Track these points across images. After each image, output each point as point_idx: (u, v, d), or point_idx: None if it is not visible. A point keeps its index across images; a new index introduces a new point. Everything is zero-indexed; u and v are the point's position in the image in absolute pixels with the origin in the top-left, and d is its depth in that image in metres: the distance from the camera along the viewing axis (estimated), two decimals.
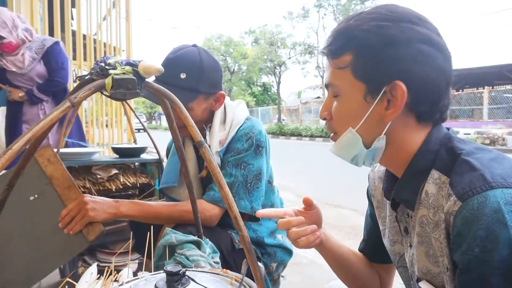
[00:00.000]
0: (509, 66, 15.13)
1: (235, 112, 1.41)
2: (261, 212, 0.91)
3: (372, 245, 0.98)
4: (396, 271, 0.93)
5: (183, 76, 1.26)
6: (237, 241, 1.35)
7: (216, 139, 1.36)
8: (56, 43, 2.60)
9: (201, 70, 1.28)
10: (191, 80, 1.27)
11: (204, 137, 1.41)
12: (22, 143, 0.49)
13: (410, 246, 0.79)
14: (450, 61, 0.71)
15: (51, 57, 2.54)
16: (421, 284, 0.74)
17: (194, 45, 1.35)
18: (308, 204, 0.93)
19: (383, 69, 0.69)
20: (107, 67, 0.62)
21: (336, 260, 0.97)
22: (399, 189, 0.75)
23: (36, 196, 1.21)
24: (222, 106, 1.41)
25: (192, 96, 1.29)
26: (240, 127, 1.36)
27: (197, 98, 1.30)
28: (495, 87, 15.20)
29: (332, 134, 0.81)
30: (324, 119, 0.81)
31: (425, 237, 0.71)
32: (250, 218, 1.36)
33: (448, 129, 0.76)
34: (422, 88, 0.69)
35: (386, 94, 0.70)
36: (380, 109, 0.71)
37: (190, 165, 1.43)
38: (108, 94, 0.59)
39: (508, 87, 14.49)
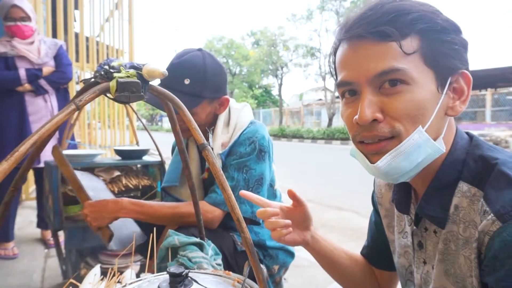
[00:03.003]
0: (511, 69, 15.10)
1: (239, 115, 1.41)
2: (244, 192, 0.89)
3: (376, 252, 0.95)
4: (399, 281, 0.89)
5: (187, 81, 1.27)
6: (239, 243, 1.35)
7: (218, 141, 1.36)
8: (64, 44, 2.78)
9: (205, 75, 1.29)
10: (195, 85, 1.28)
11: (207, 139, 1.41)
12: (29, 145, 0.50)
13: (424, 262, 0.73)
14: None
15: (62, 54, 2.68)
16: None
17: (199, 49, 1.36)
18: (293, 197, 0.87)
19: (452, 56, 0.62)
20: (111, 70, 0.62)
21: (326, 262, 0.94)
22: (424, 205, 0.68)
23: None
24: (227, 108, 1.41)
25: (196, 102, 1.29)
26: (244, 131, 1.36)
27: (201, 103, 1.30)
28: (498, 89, 15.18)
29: (374, 144, 0.64)
30: (374, 120, 0.62)
31: (448, 254, 0.65)
32: (252, 222, 1.36)
33: (467, 133, 0.69)
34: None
35: (451, 84, 0.64)
36: (448, 101, 0.63)
37: (192, 166, 1.44)
38: (113, 97, 0.60)
39: (511, 89, 14.47)
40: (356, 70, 0.64)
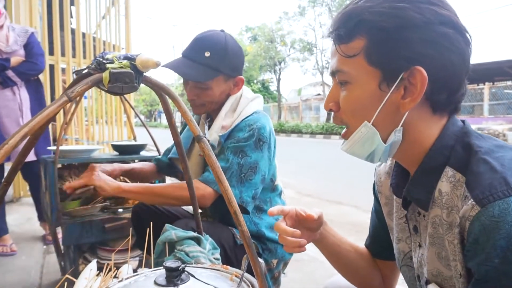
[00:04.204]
0: (509, 62, 15.09)
1: (248, 104, 1.43)
2: (272, 209, 0.84)
3: (377, 242, 0.96)
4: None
5: (207, 54, 1.31)
6: (238, 237, 1.34)
7: (219, 123, 1.38)
8: (36, 32, 2.60)
9: (225, 51, 1.33)
10: (214, 59, 1.32)
11: (214, 118, 1.44)
12: (19, 138, 0.48)
13: (420, 246, 0.75)
14: (470, 45, 0.66)
15: (34, 43, 2.51)
16: (430, 286, 0.71)
17: (222, 30, 1.41)
18: (312, 220, 0.85)
19: (401, 54, 0.63)
20: (104, 61, 0.61)
21: (332, 256, 0.95)
22: (411, 188, 0.70)
23: None
24: (239, 94, 1.43)
25: (212, 74, 1.33)
26: (246, 117, 1.37)
27: (217, 77, 1.34)
28: (495, 83, 15.18)
29: (343, 131, 0.74)
30: (330, 110, 0.74)
31: (438, 238, 0.67)
32: (240, 209, 1.36)
33: (463, 122, 0.70)
34: (442, 74, 0.63)
35: (403, 81, 0.64)
36: (397, 98, 0.66)
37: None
38: (106, 89, 0.59)
39: (509, 83, 14.50)
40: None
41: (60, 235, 2.08)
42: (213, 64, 1.32)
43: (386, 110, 0.67)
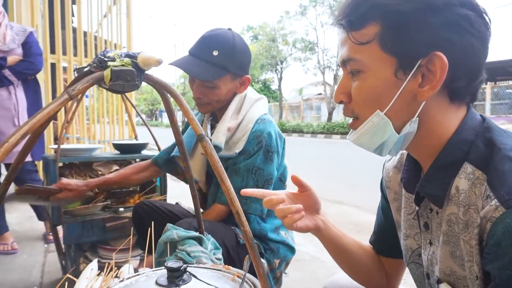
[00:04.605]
0: (511, 62, 15.05)
1: (252, 106, 1.43)
2: (246, 190, 0.85)
3: (382, 239, 0.93)
4: (406, 268, 0.87)
5: (215, 53, 1.31)
6: (241, 236, 1.34)
7: (225, 125, 1.38)
8: (35, 31, 2.56)
9: (233, 50, 1.33)
10: (223, 58, 1.32)
11: (220, 117, 1.43)
12: (19, 136, 0.48)
13: (430, 243, 0.71)
14: (489, 29, 0.62)
15: (32, 42, 2.47)
16: (442, 286, 0.68)
17: (229, 29, 1.41)
18: (297, 182, 0.86)
19: (420, 39, 0.59)
20: (106, 59, 0.60)
21: (336, 249, 0.91)
22: (425, 183, 0.67)
23: None
24: (243, 94, 1.44)
25: (220, 73, 1.32)
26: (252, 129, 1.37)
27: (224, 76, 1.34)
28: (497, 82, 15.13)
29: (351, 121, 0.70)
30: (341, 102, 0.69)
31: (453, 236, 0.64)
32: (260, 218, 1.41)
33: (482, 116, 0.67)
34: (463, 60, 0.60)
35: (421, 68, 0.61)
36: (414, 86, 0.62)
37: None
38: (107, 87, 0.58)
39: (511, 82, 14.44)
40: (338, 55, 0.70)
41: (61, 234, 2.08)
42: (221, 63, 1.31)
43: (402, 99, 0.63)
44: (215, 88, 1.34)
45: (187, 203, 1.54)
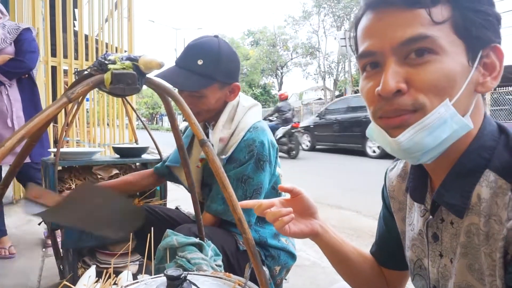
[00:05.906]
0: (511, 68, 15.10)
1: (246, 114, 1.40)
2: (242, 203, 0.82)
3: (384, 249, 0.90)
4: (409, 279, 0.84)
5: (200, 62, 1.28)
6: (241, 242, 1.32)
7: (217, 135, 1.36)
8: (31, 29, 2.49)
9: (218, 58, 1.30)
10: (208, 67, 1.29)
11: (207, 135, 1.40)
12: (15, 140, 0.46)
13: (441, 255, 0.67)
14: None
15: (25, 40, 2.38)
16: None
17: (216, 36, 1.38)
18: (286, 191, 0.84)
19: (485, 28, 0.57)
20: (106, 62, 0.59)
21: (335, 256, 0.88)
22: (443, 192, 0.62)
23: None
24: (236, 102, 1.40)
25: (206, 83, 1.29)
26: (244, 136, 1.34)
27: (211, 85, 1.31)
28: (497, 88, 15.13)
29: (399, 119, 0.59)
30: (398, 91, 0.57)
31: (472, 248, 0.60)
32: (257, 225, 1.40)
33: (496, 122, 0.64)
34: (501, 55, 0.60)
35: (482, 58, 0.58)
36: (477, 76, 0.58)
37: (195, 150, 1.48)
38: (107, 90, 0.57)
39: (510, 88, 14.45)
40: (381, 38, 0.59)
41: (59, 239, 2.06)
42: (207, 72, 1.28)
43: (468, 90, 0.58)
44: (202, 97, 1.31)
45: (187, 207, 1.52)
